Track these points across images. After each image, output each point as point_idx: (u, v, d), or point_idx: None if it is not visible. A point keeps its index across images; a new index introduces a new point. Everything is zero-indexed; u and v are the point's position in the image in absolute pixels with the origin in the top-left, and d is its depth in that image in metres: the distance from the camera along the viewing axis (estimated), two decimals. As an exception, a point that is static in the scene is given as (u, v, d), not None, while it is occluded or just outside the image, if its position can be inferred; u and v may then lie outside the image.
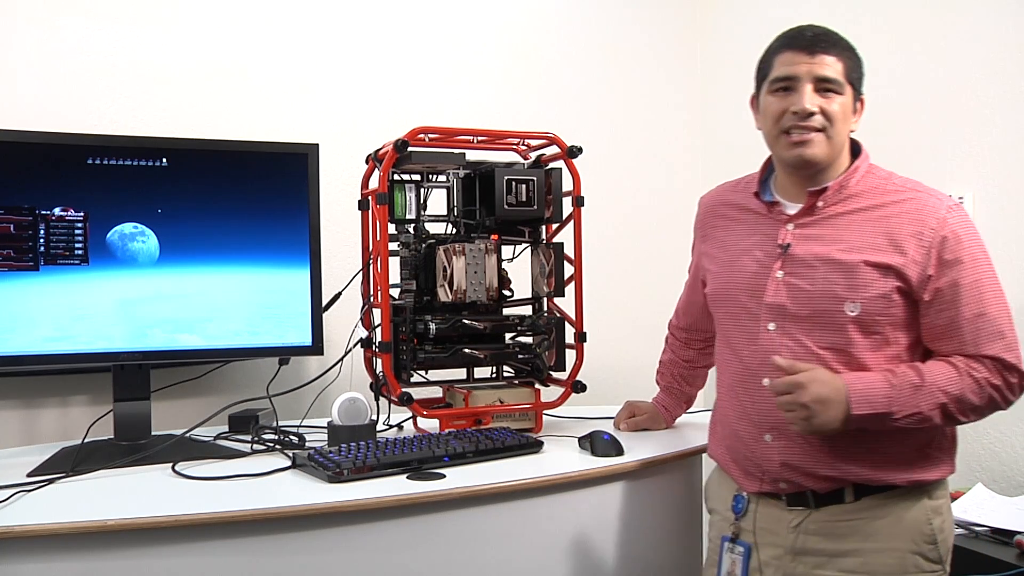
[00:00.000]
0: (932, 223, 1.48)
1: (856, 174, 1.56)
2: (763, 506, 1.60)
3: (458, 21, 2.65)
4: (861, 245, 1.50)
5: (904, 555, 1.51)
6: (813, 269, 1.53)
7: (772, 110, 1.55)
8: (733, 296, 1.64)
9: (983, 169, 2.18)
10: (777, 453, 1.55)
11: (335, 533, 1.51)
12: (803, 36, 1.54)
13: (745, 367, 1.61)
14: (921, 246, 1.48)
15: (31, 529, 1.35)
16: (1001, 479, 2.10)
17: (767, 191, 1.65)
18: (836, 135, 1.53)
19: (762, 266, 1.59)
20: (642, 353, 2.72)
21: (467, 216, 2.09)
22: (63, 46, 2.17)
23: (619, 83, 2.89)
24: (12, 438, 2.08)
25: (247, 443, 1.89)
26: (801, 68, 1.52)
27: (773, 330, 1.56)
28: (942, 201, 1.50)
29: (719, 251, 1.70)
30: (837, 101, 1.52)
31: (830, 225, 1.54)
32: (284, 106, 2.40)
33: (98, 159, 1.87)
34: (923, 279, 1.48)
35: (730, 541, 1.63)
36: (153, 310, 1.90)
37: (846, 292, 1.49)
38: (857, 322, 1.49)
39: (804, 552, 1.54)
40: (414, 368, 2.00)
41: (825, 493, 1.53)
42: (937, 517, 1.54)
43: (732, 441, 1.65)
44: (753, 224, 1.65)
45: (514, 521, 1.66)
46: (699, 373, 2.04)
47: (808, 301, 1.52)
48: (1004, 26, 2.13)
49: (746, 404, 1.61)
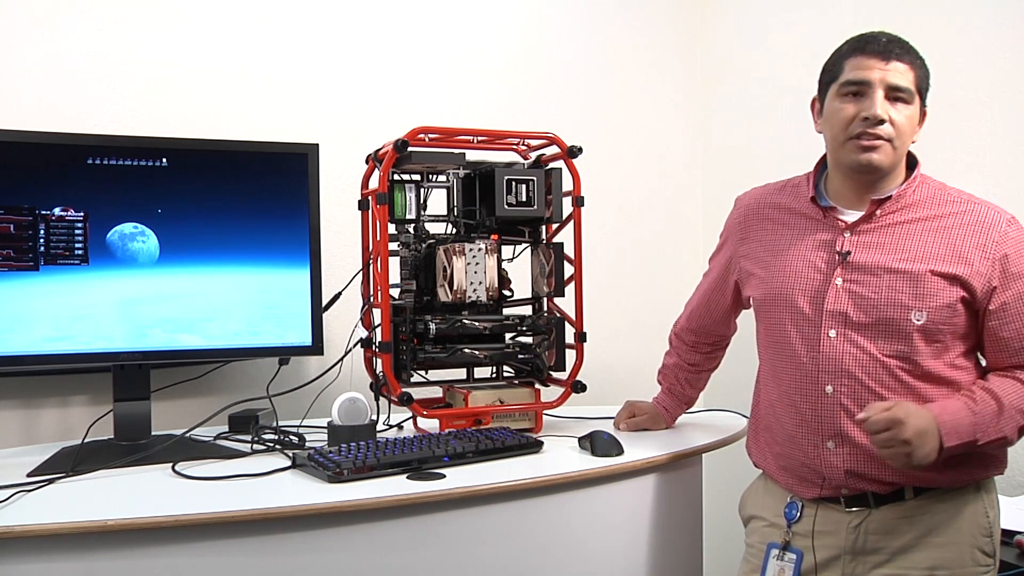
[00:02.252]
0: (995, 235, 1.50)
1: (914, 183, 1.57)
2: (822, 510, 1.59)
3: (458, 21, 2.65)
4: (926, 255, 1.51)
5: (964, 548, 1.53)
6: (876, 277, 1.53)
7: (841, 115, 1.53)
8: (789, 301, 1.61)
9: (983, 169, 2.18)
10: (841, 460, 1.55)
11: (335, 533, 1.51)
12: (878, 41, 1.53)
13: (805, 374, 1.59)
14: (985, 257, 1.50)
15: (31, 529, 1.35)
16: (1001, 479, 2.09)
17: (822, 196, 1.63)
18: (901, 146, 1.53)
19: (821, 272, 1.58)
20: (642, 353, 2.72)
21: (467, 216, 2.09)
22: (63, 46, 2.17)
23: (619, 83, 2.89)
24: (12, 438, 2.08)
25: (247, 443, 1.89)
26: (874, 74, 1.50)
27: (834, 337, 1.55)
28: (1001, 214, 1.53)
29: (766, 254, 1.68)
30: (905, 112, 1.51)
31: (888, 234, 1.55)
32: (284, 106, 2.40)
33: (98, 159, 1.87)
34: (987, 290, 1.50)
35: (780, 549, 1.62)
36: (153, 310, 1.90)
37: (912, 301, 1.50)
38: (922, 331, 1.50)
39: (864, 551, 1.55)
40: (414, 368, 2.00)
41: (885, 493, 1.54)
42: (992, 511, 1.57)
43: (787, 448, 1.63)
44: (806, 229, 1.63)
45: (514, 521, 1.66)
46: (703, 377, 2.04)
47: (872, 309, 1.52)
48: (1004, 26, 2.14)
49: (805, 412, 1.59)
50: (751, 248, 1.72)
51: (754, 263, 1.71)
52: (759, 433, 1.73)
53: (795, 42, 2.62)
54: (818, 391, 1.57)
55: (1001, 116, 2.15)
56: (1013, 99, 2.12)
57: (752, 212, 1.75)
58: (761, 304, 1.69)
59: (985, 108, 2.18)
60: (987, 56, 2.17)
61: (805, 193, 1.65)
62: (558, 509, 1.71)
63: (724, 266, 1.82)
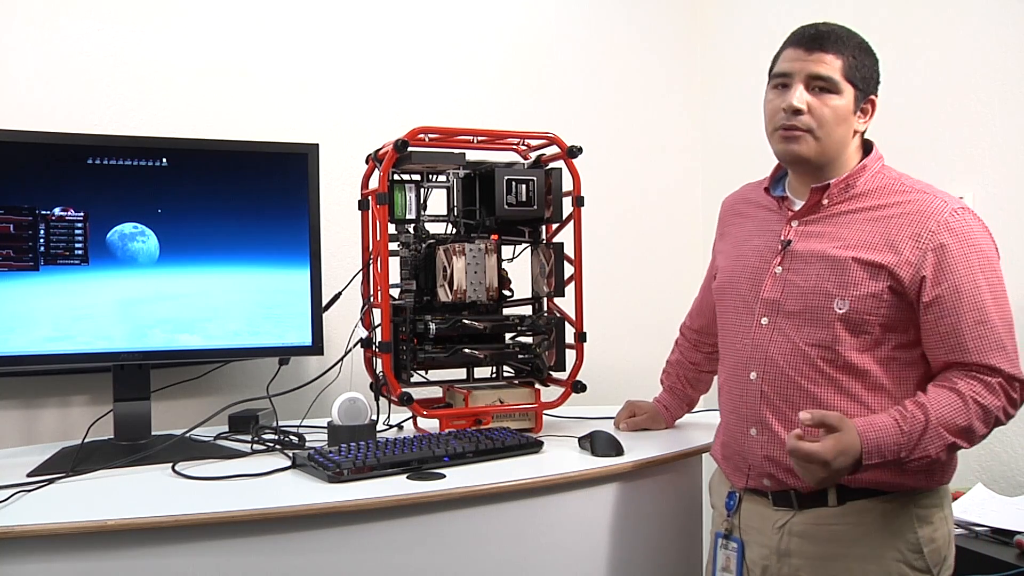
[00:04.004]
0: (932, 225, 1.45)
1: (864, 173, 1.54)
2: (751, 503, 1.60)
3: (458, 21, 2.65)
4: (855, 243, 1.49)
5: (888, 563, 1.48)
6: (808, 265, 1.52)
7: (769, 107, 1.57)
8: (735, 289, 1.64)
9: (983, 169, 2.18)
10: (760, 447, 1.56)
11: (335, 533, 1.51)
12: (805, 34, 1.53)
13: (738, 360, 1.61)
14: (918, 247, 1.45)
15: (31, 529, 1.35)
16: (1001, 479, 2.10)
17: (779, 187, 1.65)
18: (826, 136, 1.50)
19: (763, 260, 1.59)
20: (642, 353, 2.72)
21: (467, 216, 2.09)
22: (63, 46, 2.17)
23: (619, 83, 2.89)
24: (12, 438, 2.08)
25: (247, 443, 1.89)
26: (796, 65, 1.51)
27: (766, 324, 1.56)
28: (947, 203, 1.47)
29: (731, 247, 1.71)
30: (832, 102, 1.50)
31: (832, 223, 1.53)
32: (284, 106, 2.40)
33: (98, 159, 1.87)
34: (916, 280, 1.45)
35: (723, 537, 1.64)
36: (153, 310, 1.90)
37: (836, 289, 1.48)
38: (845, 320, 1.47)
39: (788, 554, 1.54)
40: (414, 368, 2.00)
41: (808, 493, 1.51)
42: (925, 526, 1.50)
43: (725, 436, 1.66)
44: (763, 220, 1.65)
45: (514, 521, 1.66)
46: (704, 378, 2.04)
47: (800, 297, 1.52)
48: (1004, 26, 2.13)
49: (735, 397, 1.61)
50: (724, 244, 1.75)
51: (723, 257, 1.73)
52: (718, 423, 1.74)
53: (795, 42, 2.62)
54: (745, 377, 1.58)
55: (1001, 116, 2.15)
56: (1013, 99, 2.12)
57: (728, 209, 1.78)
58: (716, 292, 1.72)
59: (985, 108, 2.18)
60: (987, 56, 2.17)
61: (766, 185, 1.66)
62: (558, 509, 1.71)
63: (711, 264, 1.84)
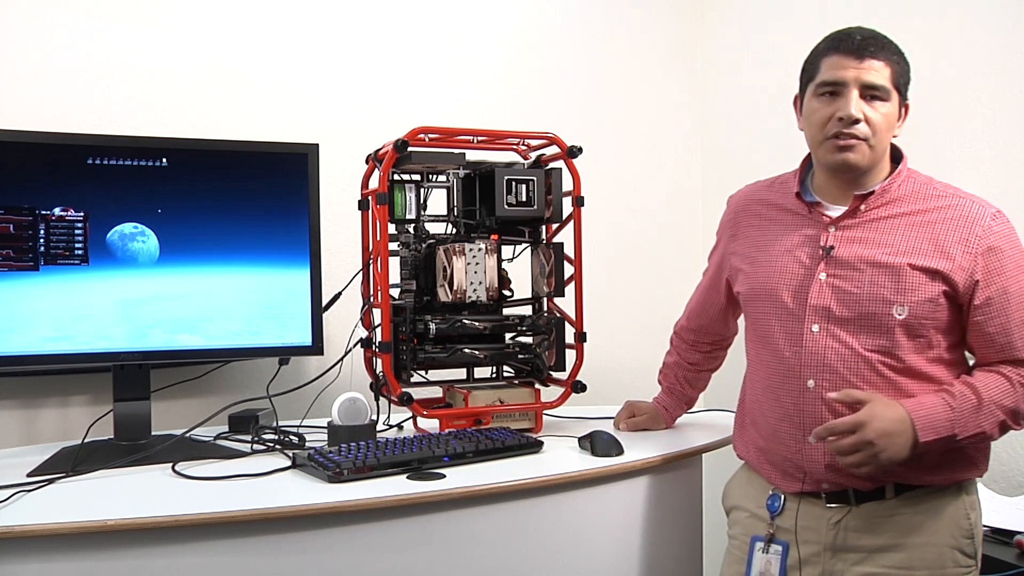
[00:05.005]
0: (978, 230, 1.50)
1: (899, 178, 1.57)
2: (803, 505, 1.60)
3: (458, 21, 2.65)
4: (907, 249, 1.52)
5: (943, 549, 1.53)
6: (859, 272, 1.53)
7: (818, 115, 1.55)
8: (773, 296, 1.62)
9: (983, 169, 2.18)
10: (821, 455, 1.55)
11: (335, 533, 1.51)
12: (852, 39, 1.52)
13: (788, 368, 1.60)
14: (967, 252, 1.49)
15: (31, 529, 1.35)
16: (1001, 479, 2.10)
17: (807, 191, 1.64)
18: (879, 143, 1.53)
19: (805, 267, 1.59)
20: (642, 353, 2.72)
21: (467, 216, 2.09)
22: (63, 46, 2.17)
23: (619, 83, 2.89)
24: (12, 438, 2.08)
25: (247, 443, 1.89)
26: (849, 73, 1.50)
27: (817, 332, 1.56)
28: (986, 208, 1.52)
29: (753, 250, 1.70)
30: (882, 109, 1.51)
31: (873, 228, 1.55)
32: (284, 106, 2.40)
33: (98, 159, 1.87)
34: (970, 284, 1.50)
35: (764, 542, 1.62)
36: (153, 310, 1.90)
37: (894, 295, 1.50)
38: (904, 325, 1.50)
39: (844, 548, 1.55)
40: (414, 368, 2.00)
41: (867, 491, 1.54)
42: (973, 512, 1.57)
43: (770, 443, 1.64)
44: (792, 224, 1.64)
45: (514, 521, 1.66)
46: (703, 376, 2.04)
47: (855, 304, 1.53)
48: (1004, 26, 2.13)
49: (788, 405, 1.60)
50: (740, 245, 1.74)
51: (742, 259, 1.72)
52: (745, 427, 1.74)
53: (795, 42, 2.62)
54: (800, 385, 1.57)
55: (1001, 116, 2.15)
56: (1013, 99, 2.12)
57: (741, 209, 1.76)
58: (747, 299, 1.71)
59: (985, 108, 2.18)
60: (987, 56, 2.17)
61: (792, 189, 1.65)
62: (558, 509, 1.71)
63: (718, 265, 1.83)
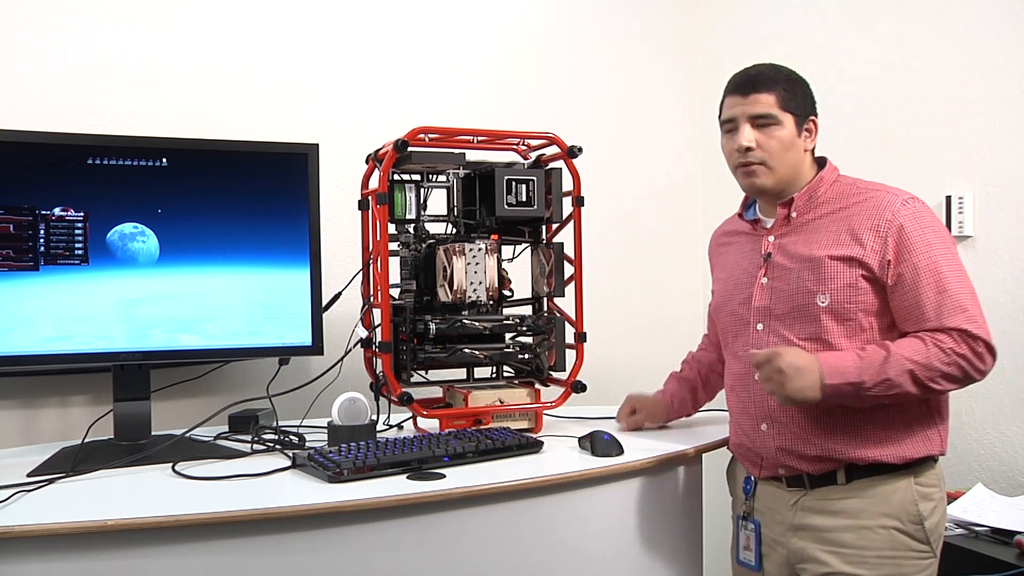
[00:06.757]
0: (887, 215, 1.62)
1: (823, 184, 1.72)
2: (767, 487, 1.76)
3: (458, 21, 2.65)
4: (828, 243, 1.66)
5: (891, 532, 1.62)
6: (789, 271, 1.70)
7: (725, 149, 1.75)
8: (729, 307, 1.82)
9: (983, 169, 2.18)
10: (772, 439, 1.71)
11: (335, 533, 1.51)
12: (739, 80, 1.73)
13: (742, 366, 1.77)
14: (878, 236, 1.62)
15: (31, 529, 1.35)
16: (1001, 479, 2.11)
17: (750, 212, 1.82)
18: (779, 163, 1.69)
19: (750, 276, 1.77)
20: (642, 353, 2.72)
21: (467, 216, 2.09)
22: (63, 46, 2.17)
23: (619, 83, 2.89)
24: (12, 438, 2.09)
25: (247, 443, 1.89)
26: (737, 110, 1.70)
27: (761, 330, 1.73)
28: (897, 196, 1.64)
29: (719, 273, 1.91)
30: (776, 133, 1.68)
31: (804, 231, 1.71)
32: (284, 106, 2.40)
33: (98, 159, 1.87)
34: (883, 265, 1.61)
35: (743, 519, 1.81)
36: (153, 310, 1.90)
37: (816, 285, 1.65)
38: (830, 311, 1.64)
39: (802, 528, 1.69)
40: (414, 368, 2.00)
41: (819, 475, 1.67)
42: (926, 502, 1.64)
43: (737, 435, 1.83)
44: (743, 243, 1.83)
45: (514, 521, 1.66)
46: (714, 380, 2.09)
47: (787, 299, 1.69)
48: (1003, 26, 2.14)
49: (744, 399, 1.78)
50: (715, 273, 1.94)
51: (715, 284, 1.93)
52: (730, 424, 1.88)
53: (795, 42, 2.62)
54: (750, 379, 1.73)
55: (1001, 116, 2.15)
56: (1013, 99, 2.12)
57: (713, 243, 1.98)
58: (713, 314, 1.93)
59: (985, 108, 2.18)
60: (987, 56, 2.17)
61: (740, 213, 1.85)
62: (558, 509, 1.71)
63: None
